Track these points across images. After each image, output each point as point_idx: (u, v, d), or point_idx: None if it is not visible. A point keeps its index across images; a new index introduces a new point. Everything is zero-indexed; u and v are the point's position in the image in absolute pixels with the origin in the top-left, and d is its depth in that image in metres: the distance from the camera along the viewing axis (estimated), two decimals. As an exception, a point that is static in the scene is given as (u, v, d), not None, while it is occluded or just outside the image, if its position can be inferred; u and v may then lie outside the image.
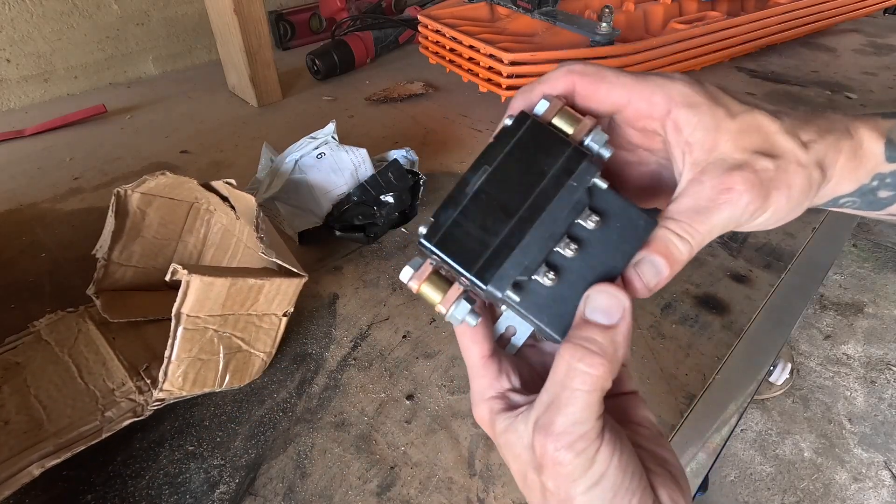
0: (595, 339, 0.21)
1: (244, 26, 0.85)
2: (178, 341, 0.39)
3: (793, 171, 0.23)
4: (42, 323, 0.48)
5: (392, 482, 0.40)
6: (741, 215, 0.23)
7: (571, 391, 0.21)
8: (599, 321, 0.22)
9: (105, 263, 0.50)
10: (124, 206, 0.49)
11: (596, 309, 0.22)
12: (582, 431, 0.21)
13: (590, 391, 0.21)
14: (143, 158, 0.79)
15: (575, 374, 0.21)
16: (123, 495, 0.39)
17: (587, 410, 0.21)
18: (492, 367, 0.26)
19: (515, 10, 0.89)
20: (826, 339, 1.77)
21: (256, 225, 0.44)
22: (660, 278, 0.23)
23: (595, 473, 0.21)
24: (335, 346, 0.50)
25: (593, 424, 0.21)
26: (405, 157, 0.66)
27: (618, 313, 0.22)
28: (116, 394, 0.42)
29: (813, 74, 1.04)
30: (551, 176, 0.22)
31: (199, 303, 0.39)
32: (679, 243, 0.22)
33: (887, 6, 1.21)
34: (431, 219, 0.23)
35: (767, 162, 0.23)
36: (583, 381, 0.21)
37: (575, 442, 0.21)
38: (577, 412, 0.21)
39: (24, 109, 0.95)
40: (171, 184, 0.49)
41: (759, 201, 0.22)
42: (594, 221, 0.23)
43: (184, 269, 0.37)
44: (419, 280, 0.24)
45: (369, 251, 0.61)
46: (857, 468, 1.45)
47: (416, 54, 0.98)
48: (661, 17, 0.98)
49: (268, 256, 0.42)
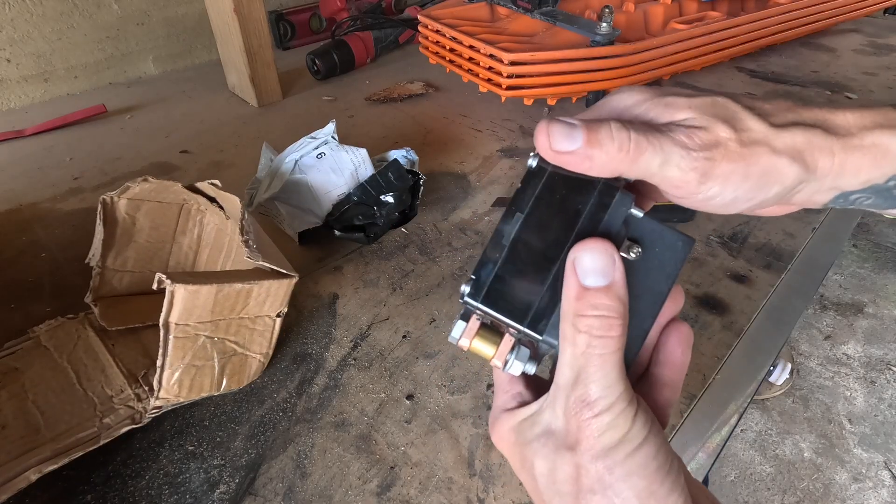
0: (602, 302, 0.21)
1: (244, 26, 0.85)
2: (170, 350, 0.39)
3: (756, 151, 0.22)
4: (42, 329, 0.48)
5: (392, 482, 0.40)
6: (679, 171, 0.22)
7: (598, 357, 0.21)
8: (599, 284, 0.21)
9: (100, 271, 0.50)
10: (112, 213, 0.49)
11: (589, 272, 0.21)
12: (617, 394, 0.21)
13: (613, 352, 0.21)
14: (143, 158, 0.79)
15: (596, 342, 0.21)
16: (123, 495, 0.39)
17: (616, 372, 0.21)
18: (518, 383, 0.26)
19: (515, 10, 0.89)
20: (826, 339, 1.77)
21: (241, 227, 0.44)
22: (574, 145, 0.21)
23: (635, 437, 0.21)
24: (335, 346, 0.50)
25: (625, 386, 0.21)
26: (405, 157, 0.66)
27: (611, 268, 0.21)
28: (115, 401, 0.42)
29: (813, 74, 1.04)
30: (587, 214, 0.22)
31: (186, 311, 0.38)
32: (609, 132, 0.21)
33: (887, 6, 1.21)
34: (472, 276, 0.23)
35: (726, 131, 0.22)
36: (605, 345, 0.21)
37: (613, 404, 0.21)
38: (608, 376, 0.21)
39: (24, 109, 0.95)
40: (157, 188, 0.49)
41: (701, 165, 0.21)
42: (636, 252, 0.22)
43: (168, 278, 0.37)
44: (469, 337, 0.23)
45: (369, 251, 0.61)
46: (857, 468, 1.45)
47: (416, 54, 0.98)
48: (661, 17, 0.98)
49: (254, 260, 0.42)
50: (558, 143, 0.21)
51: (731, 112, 0.23)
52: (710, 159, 0.21)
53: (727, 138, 0.22)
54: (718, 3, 1.05)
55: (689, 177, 0.22)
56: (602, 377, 0.21)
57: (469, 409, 0.45)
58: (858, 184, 0.23)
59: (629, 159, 0.21)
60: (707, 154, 0.21)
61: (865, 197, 0.24)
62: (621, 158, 0.21)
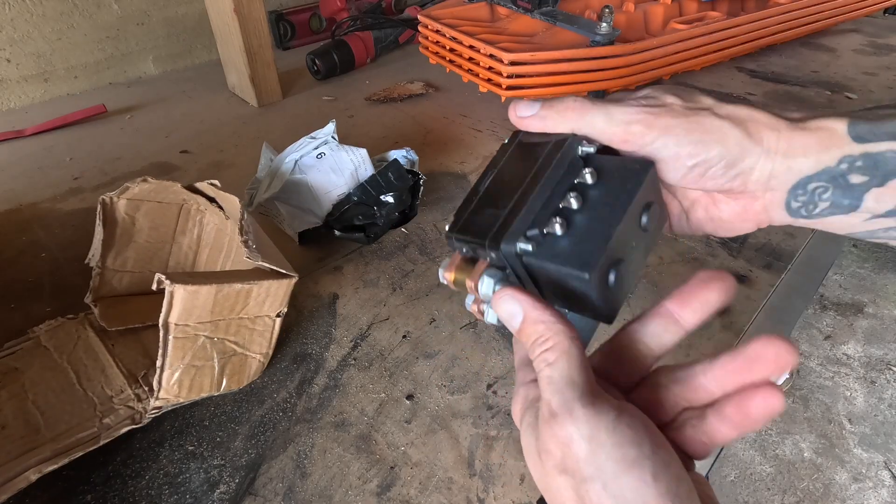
0: (527, 332, 0.23)
1: (244, 26, 0.85)
2: (170, 350, 0.39)
3: (700, 113, 0.25)
4: (42, 329, 0.48)
5: (392, 482, 0.40)
6: (623, 124, 0.25)
7: (545, 370, 0.22)
8: (516, 326, 0.24)
9: (100, 271, 0.50)
10: (112, 213, 0.49)
11: (506, 320, 0.24)
12: (579, 388, 0.21)
13: (556, 359, 0.22)
14: (143, 158, 0.79)
15: (538, 363, 0.23)
16: (123, 495, 0.39)
17: (570, 370, 0.22)
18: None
19: (515, 10, 0.89)
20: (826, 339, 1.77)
21: (241, 228, 0.44)
22: (531, 111, 0.26)
23: (604, 425, 0.20)
24: (335, 346, 0.50)
25: (586, 378, 0.22)
26: (405, 157, 0.66)
27: (517, 308, 0.24)
28: (115, 401, 0.42)
29: (813, 74, 1.04)
30: (545, 155, 0.25)
31: (186, 311, 0.38)
32: (561, 100, 0.26)
33: (887, 6, 1.21)
34: (453, 216, 0.26)
35: (673, 99, 0.25)
36: (544, 359, 0.22)
37: (580, 396, 0.21)
38: (561, 376, 0.22)
39: (24, 109, 0.95)
40: (156, 188, 0.49)
41: (644, 118, 0.24)
42: (591, 174, 0.24)
43: (167, 278, 0.37)
44: (451, 269, 0.26)
45: (369, 251, 0.61)
46: (857, 468, 1.45)
47: (416, 54, 0.98)
48: (661, 17, 0.98)
49: (253, 261, 0.42)
50: (521, 111, 0.26)
51: (686, 91, 0.26)
52: (652, 114, 0.24)
53: (672, 103, 0.25)
54: (718, 3, 1.05)
55: (633, 129, 0.24)
56: (558, 381, 0.22)
57: (469, 409, 0.45)
58: (811, 166, 0.24)
59: (576, 116, 0.25)
60: (650, 110, 0.25)
61: (823, 188, 0.25)
62: (569, 116, 0.25)
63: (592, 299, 0.23)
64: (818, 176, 0.25)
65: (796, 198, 0.26)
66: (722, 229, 0.28)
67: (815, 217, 0.26)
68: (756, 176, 0.25)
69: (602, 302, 0.23)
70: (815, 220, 0.26)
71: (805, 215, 0.26)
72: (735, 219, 0.28)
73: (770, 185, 0.25)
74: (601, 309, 0.24)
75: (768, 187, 0.25)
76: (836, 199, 0.25)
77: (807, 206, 0.26)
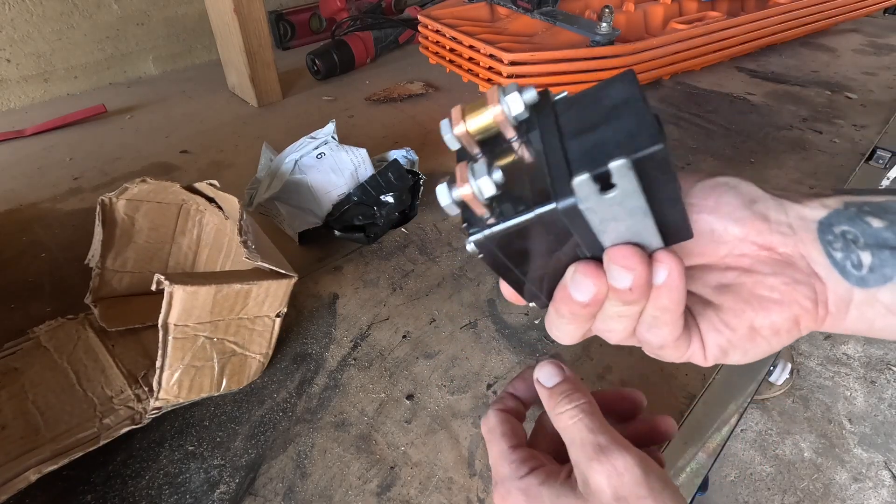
0: (559, 390, 0.29)
1: (244, 26, 0.85)
2: (169, 351, 0.39)
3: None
4: (42, 329, 0.48)
5: (392, 482, 0.40)
6: None
7: (583, 418, 0.27)
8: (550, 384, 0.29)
9: (100, 272, 0.50)
10: (111, 213, 0.49)
11: (544, 379, 0.29)
12: (611, 429, 0.27)
13: (591, 409, 0.27)
14: (143, 158, 0.79)
15: (574, 412, 0.27)
16: (123, 495, 0.39)
17: (601, 418, 0.27)
18: (521, 452, 0.29)
19: (515, 10, 0.89)
20: (826, 339, 1.77)
21: (240, 228, 0.44)
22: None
23: (640, 453, 0.26)
24: (335, 346, 0.50)
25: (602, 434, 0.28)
26: (405, 157, 0.66)
27: (558, 375, 0.29)
28: (115, 401, 0.42)
29: (813, 74, 1.04)
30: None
31: (185, 312, 0.38)
32: None
33: (887, 6, 1.21)
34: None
35: None
36: (580, 409, 0.27)
37: (616, 434, 0.26)
38: (600, 421, 0.27)
39: (24, 109, 0.94)
40: (155, 189, 0.49)
41: None
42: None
43: (166, 279, 0.37)
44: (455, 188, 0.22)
45: (369, 251, 0.61)
46: (857, 468, 1.45)
47: (416, 54, 0.98)
48: (661, 17, 0.98)
49: (252, 261, 0.42)
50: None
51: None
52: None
53: None
54: (718, 3, 1.05)
55: None
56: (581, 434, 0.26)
57: (469, 409, 0.45)
58: (819, 210, 0.23)
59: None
60: None
61: (851, 234, 0.23)
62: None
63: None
64: (835, 218, 0.23)
65: (831, 244, 0.23)
66: (774, 312, 0.24)
67: (871, 279, 0.22)
68: (774, 217, 0.23)
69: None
70: (875, 286, 0.22)
71: (857, 273, 0.23)
72: (787, 284, 0.24)
73: (797, 234, 0.23)
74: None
75: (797, 238, 0.23)
76: (876, 239, 0.22)
77: (849, 256, 0.23)
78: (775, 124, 0.87)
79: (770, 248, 0.24)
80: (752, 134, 0.85)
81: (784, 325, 0.24)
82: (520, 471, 0.27)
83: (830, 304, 0.23)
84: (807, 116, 0.90)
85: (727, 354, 0.25)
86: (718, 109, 0.92)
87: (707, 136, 0.84)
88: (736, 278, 0.25)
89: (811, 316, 0.24)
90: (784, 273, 0.24)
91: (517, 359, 0.49)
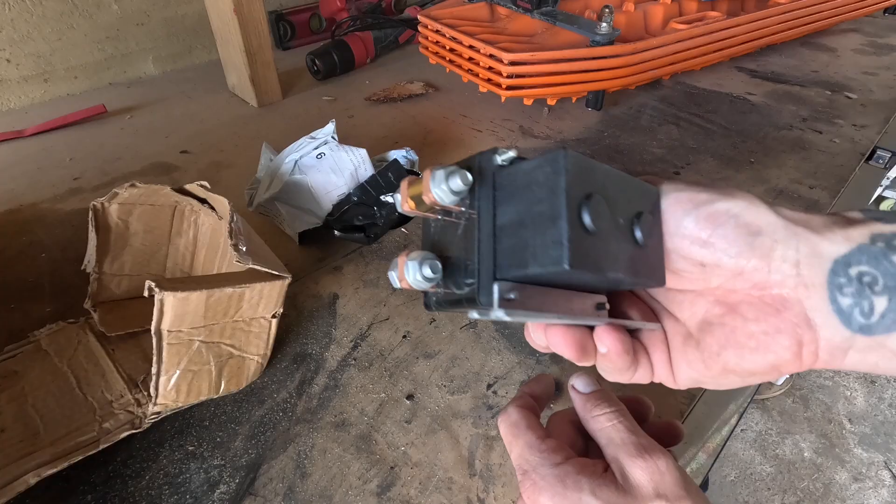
0: (593, 395, 0.30)
1: (244, 26, 0.85)
2: (164, 357, 0.39)
3: None
4: (42, 333, 0.48)
5: (392, 482, 0.40)
6: None
7: (622, 420, 0.28)
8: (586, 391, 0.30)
9: (98, 276, 0.50)
10: (104, 218, 0.49)
11: (580, 386, 0.30)
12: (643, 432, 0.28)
13: (625, 415, 0.28)
14: (143, 158, 0.79)
15: (610, 416, 0.28)
16: (123, 495, 0.39)
17: (634, 422, 0.28)
18: (551, 442, 0.28)
19: (515, 10, 0.89)
20: (826, 339, 1.77)
21: (230, 230, 0.43)
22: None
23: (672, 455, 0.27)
24: (335, 346, 0.50)
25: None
26: (405, 157, 0.66)
27: (594, 384, 0.30)
28: (115, 405, 0.42)
29: (813, 74, 1.04)
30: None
31: (177, 318, 0.38)
32: None
33: (887, 6, 1.21)
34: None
35: None
36: (617, 413, 0.28)
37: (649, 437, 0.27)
38: (634, 425, 0.27)
39: (24, 109, 0.94)
40: (146, 192, 0.49)
41: None
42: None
43: (157, 286, 0.37)
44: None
45: (369, 251, 0.61)
46: (857, 468, 1.45)
47: (416, 54, 0.98)
48: (661, 17, 0.98)
49: (244, 263, 0.42)
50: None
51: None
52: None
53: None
54: (718, 3, 1.05)
55: None
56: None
57: (469, 409, 0.45)
58: (841, 244, 0.22)
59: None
60: None
61: (870, 275, 0.21)
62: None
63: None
64: (856, 257, 0.21)
65: (841, 288, 0.21)
66: (749, 359, 0.24)
67: (881, 326, 0.21)
68: (780, 254, 0.22)
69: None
70: (884, 333, 0.21)
71: (864, 321, 0.21)
72: (766, 334, 0.23)
73: (802, 274, 0.22)
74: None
75: (800, 280, 0.22)
76: (878, 284, 0.20)
77: (860, 303, 0.21)
78: (775, 124, 0.87)
79: (764, 288, 0.23)
80: (751, 134, 0.85)
81: (760, 370, 0.24)
82: (554, 458, 0.26)
83: (821, 352, 0.23)
84: (807, 116, 0.90)
85: (699, 384, 0.27)
86: (718, 109, 0.92)
87: (707, 136, 0.84)
88: (721, 317, 0.25)
89: (792, 364, 0.23)
90: (767, 321, 0.23)
91: (517, 359, 0.49)
